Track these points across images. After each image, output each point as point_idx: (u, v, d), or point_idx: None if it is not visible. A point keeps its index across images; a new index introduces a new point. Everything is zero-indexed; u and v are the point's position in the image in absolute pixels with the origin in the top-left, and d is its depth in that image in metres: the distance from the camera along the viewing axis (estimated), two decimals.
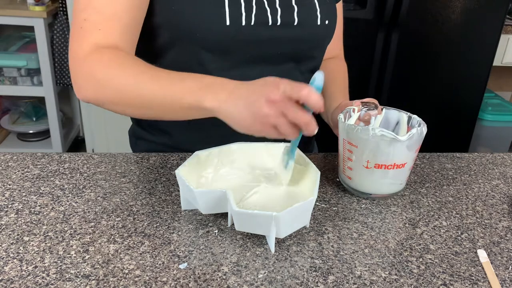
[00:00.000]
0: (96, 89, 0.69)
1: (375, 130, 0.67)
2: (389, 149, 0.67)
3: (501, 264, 0.61)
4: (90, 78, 0.69)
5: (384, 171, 0.69)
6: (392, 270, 0.59)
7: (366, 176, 0.71)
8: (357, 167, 0.71)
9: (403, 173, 0.72)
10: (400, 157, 0.68)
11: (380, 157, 0.68)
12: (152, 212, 0.67)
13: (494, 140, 2.39)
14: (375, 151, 0.68)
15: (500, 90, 2.74)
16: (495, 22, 1.91)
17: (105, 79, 0.67)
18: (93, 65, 0.68)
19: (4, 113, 2.56)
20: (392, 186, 0.72)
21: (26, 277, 0.54)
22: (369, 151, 0.68)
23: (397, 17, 1.81)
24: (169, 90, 0.64)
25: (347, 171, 0.73)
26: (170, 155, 0.83)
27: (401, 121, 0.76)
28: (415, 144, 0.69)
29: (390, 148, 0.67)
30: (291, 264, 0.58)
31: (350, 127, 0.69)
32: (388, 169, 0.69)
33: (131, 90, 0.67)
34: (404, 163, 0.70)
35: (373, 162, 0.69)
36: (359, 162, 0.70)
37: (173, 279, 0.55)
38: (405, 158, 0.69)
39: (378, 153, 0.68)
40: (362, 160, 0.70)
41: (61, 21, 2.18)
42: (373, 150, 0.68)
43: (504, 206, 0.75)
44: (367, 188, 0.72)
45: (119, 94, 0.68)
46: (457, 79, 2.01)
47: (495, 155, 0.92)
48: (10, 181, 0.73)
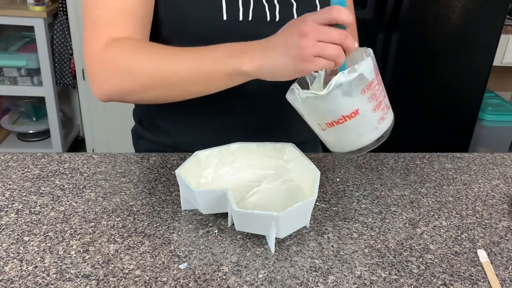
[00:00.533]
0: (123, 79, 0.68)
1: (300, 94, 0.62)
2: (323, 106, 0.61)
3: (501, 264, 0.61)
4: (114, 68, 0.68)
5: (341, 126, 0.63)
6: (392, 270, 0.59)
7: (332, 137, 0.66)
8: (319, 132, 0.67)
9: (366, 119, 0.63)
10: (343, 108, 0.61)
11: (324, 115, 0.63)
12: (152, 212, 0.67)
13: (494, 140, 2.39)
14: (315, 112, 0.63)
15: (500, 90, 2.74)
16: (495, 22, 1.91)
17: (133, 65, 0.67)
18: (115, 55, 0.67)
19: (4, 113, 2.56)
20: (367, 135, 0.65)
21: (26, 277, 0.54)
22: (312, 114, 0.64)
23: (397, 17, 1.81)
24: (203, 61, 0.64)
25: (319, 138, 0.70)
26: (170, 155, 0.84)
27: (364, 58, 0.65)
28: (353, 88, 0.60)
29: (323, 104, 0.61)
30: (291, 264, 0.58)
31: (288, 98, 0.65)
32: (342, 123, 0.62)
33: (164, 69, 0.66)
34: (356, 110, 0.61)
35: (323, 123, 0.64)
36: (316, 127, 0.66)
37: (173, 279, 0.55)
38: (351, 106, 0.61)
39: (318, 113, 0.63)
40: (314, 125, 0.66)
41: (61, 21, 2.18)
42: (313, 112, 0.64)
43: (504, 206, 0.75)
44: (343, 147, 0.67)
45: (151, 76, 0.67)
46: (457, 79, 2.01)
47: (495, 155, 0.92)
48: (10, 181, 0.73)
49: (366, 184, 0.78)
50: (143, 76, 0.67)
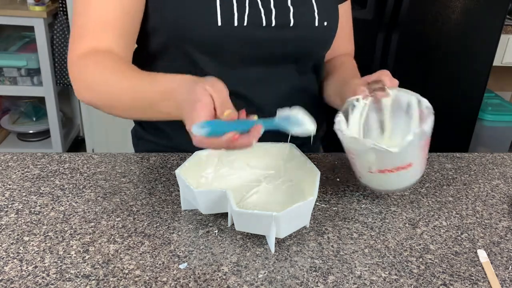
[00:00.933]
0: (90, 94, 0.73)
1: (367, 143, 0.64)
2: (386, 158, 0.64)
3: (501, 264, 0.61)
4: (82, 81, 0.73)
5: (390, 174, 0.67)
6: (392, 270, 0.59)
7: (374, 179, 0.69)
8: (363, 172, 0.70)
9: (414, 170, 0.68)
10: (402, 161, 0.65)
11: (380, 164, 0.66)
12: (152, 212, 0.67)
13: (494, 140, 2.39)
14: (373, 160, 0.66)
15: (500, 90, 2.74)
16: (495, 22, 1.91)
17: (93, 84, 0.71)
18: (83, 70, 0.72)
19: (4, 113, 2.56)
20: (406, 182, 0.70)
21: (26, 277, 0.54)
22: (367, 160, 0.66)
23: (397, 17, 1.81)
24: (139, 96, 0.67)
25: (357, 173, 0.72)
26: (170, 155, 0.83)
27: (412, 103, 0.70)
28: (417, 145, 0.65)
29: (386, 158, 0.64)
30: (291, 264, 0.58)
31: (345, 138, 0.67)
32: (393, 172, 0.66)
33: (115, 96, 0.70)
34: (411, 164, 0.66)
35: (375, 169, 0.67)
36: (363, 169, 0.69)
37: (173, 279, 0.55)
38: (409, 160, 0.66)
39: (376, 161, 0.66)
40: (364, 167, 0.68)
41: (61, 21, 2.18)
42: (371, 159, 0.66)
43: (504, 206, 0.75)
44: (380, 187, 0.71)
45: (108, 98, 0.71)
46: (457, 79, 2.01)
47: (495, 155, 0.92)
48: (10, 181, 0.73)
49: None
50: (102, 96, 0.72)
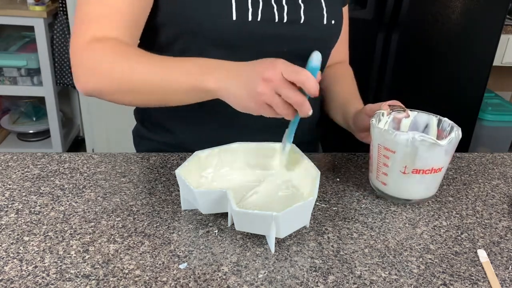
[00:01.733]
0: (95, 79, 0.69)
1: (415, 135, 0.66)
2: (428, 154, 0.66)
3: (501, 264, 0.61)
4: (92, 68, 0.69)
5: (421, 176, 0.68)
6: (392, 270, 0.59)
7: (403, 182, 0.70)
8: (393, 173, 0.70)
9: (438, 177, 0.71)
10: (438, 162, 0.68)
11: (419, 162, 0.67)
12: (152, 212, 0.67)
13: (494, 140, 2.39)
14: (414, 156, 0.67)
15: (500, 90, 2.74)
16: (495, 22, 1.91)
17: (108, 69, 0.68)
18: (95, 55, 0.68)
19: (4, 113, 2.56)
20: (426, 191, 0.72)
21: (26, 277, 0.54)
22: (408, 156, 0.67)
23: (397, 17, 1.81)
24: (168, 72, 0.65)
25: (382, 177, 0.72)
26: (170, 155, 0.83)
27: (430, 124, 0.75)
28: (452, 148, 0.68)
29: (429, 152, 0.66)
30: (291, 264, 0.58)
31: (386, 132, 0.68)
32: (425, 174, 0.68)
33: (134, 76, 0.67)
34: (441, 167, 0.69)
35: (411, 168, 0.68)
36: (396, 168, 0.69)
37: (173, 279, 0.55)
38: (442, 163, 0.68)
39: (416, 158, 0.67)
40: (399, 165, 0.68)
41: (61, 21, 2.18)
42: (412, 155, 0.67)
43: (504, 206, 0.75)
44: (402, 193, 0.71)
45: (123, 81, 0.68)
46: (457, 79, 2.00)
47: (495, 155, 0.92)
48: (10, 181, 0.73)
49: (366, 184, 0.78)
50: (116, 80, 0.68)
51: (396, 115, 0.74)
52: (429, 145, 0.65)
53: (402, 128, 0.75)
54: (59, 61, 2.26)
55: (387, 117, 0.74)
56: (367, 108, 0.77)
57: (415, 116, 0.75)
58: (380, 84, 1.93)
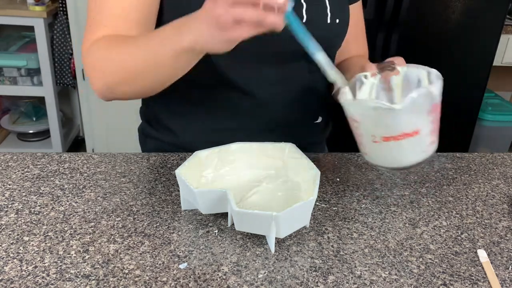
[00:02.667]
0: (101, 76, 0.70)
1: (368, 103, 0.60)
2: (390, 119, 0.59)
3: (501, 264, 0.61)
4: (94, 66, 0.70)
5: (396, 143, 0.61)
6: (392, 270, 0.59)
7: (380, 150, 0.64)
8: (367, 143, 0.65)
9: (420, 141, 0.62)
10: (407, 126, 0.60)
11: (385, 129, 0.61)
12: (152, 212, 0.67)
13: (494, 140, 2.39)
14: (377, 124, 0.61)
15: (500, 90, 2.74)
16: (495, 22, 1.91)
17: (106, 62, 0.69)
18: (94, 54, 0.70)
19: (4, 113, 2.56)
20: (412, 156, 0.64)
21: (26, 277, 0.54)
22: (371, 124, 0.62)
23: (397, 17, 1.81)
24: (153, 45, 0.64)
25: (362, 148, 0.67)
26: (170, 155, 0.83)
27: (421, 78, 0.67)
28: (423, 107, 0.60)
29: (390, 118, 0.59)
30: (291, 264, 0.58)
31: (346, 102, 0.63)
32: (399, 140, 0.61)
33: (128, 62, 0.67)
34: (417, 130, 0.60)
35: (380, 136, 0.62)
36: (368, 138, 0.64)
37: (173, 279, 0.55)
38: (415, 125, 0.60)
39: (380, 125, 0.61)
40: (368, 135, 0.63)
41: (61, 21, 2.18)
42: (375, 123, 0.61)
43: (504, 206, 0.75)
44: (386, 162, 0.66)
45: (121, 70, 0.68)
46: (457, 79, 2.01)
47: (495, 155, 0.92)
48: (10, 181, 0.73)
49: (366, 184, 0.78)
50: (116, 71, 0.68)
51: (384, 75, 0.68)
52: (387, 110, 0.58)
53: (394, 86, 0.68)
54: (59, 61, 2.26)
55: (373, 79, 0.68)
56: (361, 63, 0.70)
57: (406, 72, 0.68)
58: None
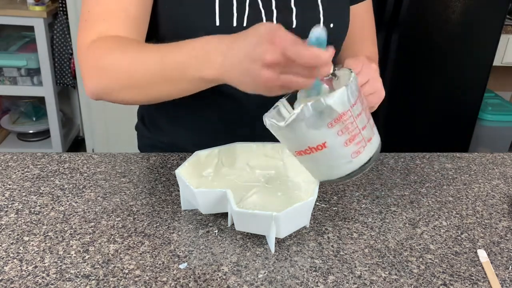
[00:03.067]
0: (101, 77, 0.67)
1: (265, 118, 0.58)
2: (288, 135, 0.57)
3: (501, 264, 0.61)
4: (94, 66, 0.67)
5: (310, 156, 0.58)
6: (392, 270, 0.59)
7: (304, 164, 0.63)
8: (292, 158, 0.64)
9: (336, 152, 0.57)
10: (309, 140, 0.56)
11: (290, 145, 0.60)
12: (152, 212, 0.67)
13: (494, 140, 2.39)
14: (282, 140, 0.60)
15: (500, 90, 2.74)
16: (495, 22, 1.91)
17: (110, 66, 0.66)
18: (97, 54, 0.67)
19: (4, 113, 2.56)
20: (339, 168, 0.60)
21: (26, 277, 0.54)
22: (281, 140, 0.60)
23: (397, 17, 1.81)
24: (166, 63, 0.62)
25: None
26: (170, 155, 0.83)
27: None
28: (319, 121, 0.55)
29: (288, 134, 0.57)
30: (291, 264, 0.58)
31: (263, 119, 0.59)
32: (309, 154, 0.58)
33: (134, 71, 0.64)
34: (323, 143, 0.56)
35: (292, 151, 0.60)
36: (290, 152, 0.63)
37: (173, 279, 0.55)
38: (317, 138, 0.56)
39: (285, 141, 0.60)
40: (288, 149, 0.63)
41: (61, 21, 2.18)
42: (281, 139, 0.60)
43: (504, 206, 0.75)
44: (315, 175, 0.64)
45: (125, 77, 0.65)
46: (457, 79, 2.01)
47: (495, 155, 0.92)
48: (10, 181, 0.73)
49: (366, 184, 0.78)
50: (118, 77, 0.66)
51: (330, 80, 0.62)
52: (277, 128, 0.56)
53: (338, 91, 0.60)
54: (59, 61, 2.26)
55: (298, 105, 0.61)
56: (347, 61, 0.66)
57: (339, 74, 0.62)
58: None
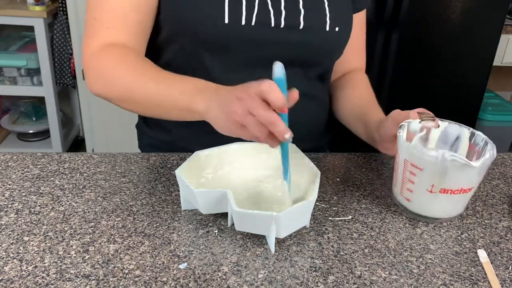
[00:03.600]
0: (105, 86, 0.73)
1: (445, 154, 0.61)
2: (458, 174, 0.62)
3: (501, 264, 0.61)
4: (99, 75, 0.73)
5: (449, 196, 0.64)
6: (392, 270, 0.59)
7: (428, 200, 0.66)
8: (419, 191, 0.66)
9: (467, 197, 0.67)
10: (468, 183, 0.63)
11: (447, 182, 0.63)
12: (152, 212, 0.67)
13: (494, 140, 2.38)
14: (443, 176, 0.62)
15: (500, 90, 2.74)
16: (495, 22, 1.91)
17: (112, 77, 0.72)
18: (101, 63, 0.72)
19: (4, 113, 2.56)
20: (453, 210, 0.67)
21: (26, 277, 0.54)
22: (436, 175, 0.63)
23: (397, 17, 1.81)
24: (166, 91, 0.68)
25: (406, 193, 0.68)
26: (170, 155, 0.83)
27: (462, 137, 0.70)
28: (486, 168, 0.63)
29: (459, 173, 0.62)
30: (291, 264, 0.58)
31: (415, 148, 0.64)
32: (454, 194, 0.64)
33: (133, 89, 0.70)
34: (471, 188, 0.64)
35: (439, 187, 0.63)
36: (422, 186, 0.65)
37: (173, 279, 0.55)
38: (473, 183, 0.64)
39: (445, 178, 0.62)
40: (426, 184, 0.64)
41: (61, 21, 2.18)
42: (441, 175, 0.62)
43: (504, 206, 0.75)
44: (426, 211, 0.67)
45: (124, 92, 0.72)
46: (457, 79, 2.01)
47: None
48: (10, 181, 0.73)
49: (366, 184, 0.78)
50: (117, 90, 0.72)
51: (425, 124, 0.69)
52: (460, 166, 0.61)
53: (431, 138, 0.71)
54: (59, 61, 2.26)
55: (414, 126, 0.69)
56: (393, 115, 0.72)
57: (446, 127, 0.71)
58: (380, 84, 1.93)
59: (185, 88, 0.66)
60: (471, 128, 0.69)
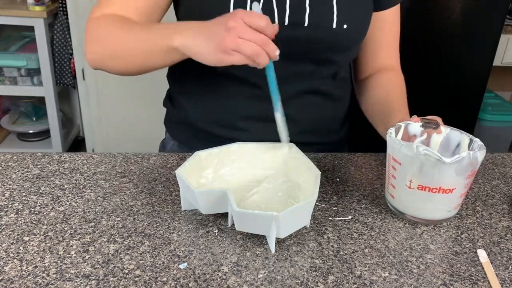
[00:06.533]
0: (98, 45, 0.76)
1: (419, 148, 0.62)
2: (434, 170, 0.62)
3: (501, 264, 0.61)
4: (94, 36, 0.77)
5: (428, 194, 0.64)
6: (392, 270, 0.59)
7: (409, 197, 0.66)
8: (399, 186, 0.67)
9: (451, 199, 0.65)
10: (446, 181, 0.63)
11: (424, 178, 0.63)
12: (152, 212, 0.67)
13: (494, 140, 2.39)
14: (419, 171, 0.63)
15: (500, 90, 2.74)
16: (495, 22, 1.91)
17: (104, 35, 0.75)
18: (98, 25, 0.76)
19: (4, 113, 2.56)
20: (437, 212, 0.67)
21: (26, 277, 0.54)
22: (413, 170, 0.64)
23: None
24: (148, 36, 0.71)
25: (390, 189, 0.69)
26: (170, 155, 0.84)
27: (462, 143, 0.70)
28: (466, 169, 0.62)
29: (435, 169, 0.62)
30: (291, 264, 0.58)
31: (394, 142, 0.65)
32: (432, 192, 0.64)
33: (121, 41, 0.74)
34: (452, 189, 0.63)
35: (416, 183, 0.64)
36: (402, 181, 0.66)
37: (173, 279, 0.55)
38: (453, 183, 0.63)
39: (421, 173, 0.63)
40: (405, 179, 0.65)
41: (61, 21, 2.18)
42: (417, 170, 0.63)
43: (504, 206, 0.75)
44: (409, 210, 0.68)
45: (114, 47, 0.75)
46: (457, 79, 2.01)
47: (495, 155, 0.92)
48: (10, 181, 0.73)
49: (366, 184, 0.78)
50: (109, 46, 0.75)
51: (426, 129, 0.71)
52: (434, 161, 0.61)
53: (432, 144, 0.72)
54: (59, 61, 2.26)
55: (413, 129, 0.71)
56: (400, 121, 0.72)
57: (448, 133, 0.71)
58: None
59: (166, 32, 0.68)
60: (471, 135, 0.69)
